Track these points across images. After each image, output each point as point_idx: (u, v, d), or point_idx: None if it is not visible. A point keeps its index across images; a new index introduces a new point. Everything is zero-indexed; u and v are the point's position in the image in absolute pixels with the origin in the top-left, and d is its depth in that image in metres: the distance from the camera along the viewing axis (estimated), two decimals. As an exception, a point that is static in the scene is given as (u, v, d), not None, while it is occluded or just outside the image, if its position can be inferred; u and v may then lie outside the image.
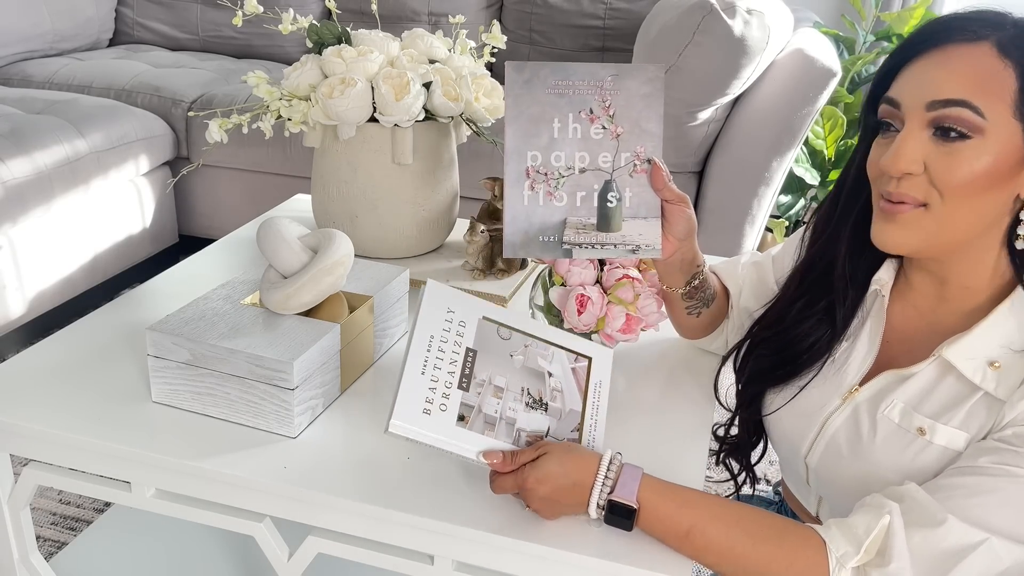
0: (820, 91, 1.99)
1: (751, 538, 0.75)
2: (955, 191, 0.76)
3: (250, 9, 1.27)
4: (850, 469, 0.86)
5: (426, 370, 0.81)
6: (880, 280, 0.89)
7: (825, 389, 0.90)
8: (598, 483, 0.76)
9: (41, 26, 2.79)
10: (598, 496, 0.76)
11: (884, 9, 2.84)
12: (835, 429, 0.88)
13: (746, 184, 2.08)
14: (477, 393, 0.83)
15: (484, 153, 2.26)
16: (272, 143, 2.42)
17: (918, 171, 0.78)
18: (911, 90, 0.78)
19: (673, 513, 0.76)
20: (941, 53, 0.77)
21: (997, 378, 0.78)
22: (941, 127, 0.76)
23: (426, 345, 0.83)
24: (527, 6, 2.83)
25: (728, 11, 1.86)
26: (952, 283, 0.84)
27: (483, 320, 0.89)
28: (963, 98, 0.75)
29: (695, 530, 0.75)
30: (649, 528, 0.77)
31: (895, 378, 0.85)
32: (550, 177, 0.87)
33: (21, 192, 1.98)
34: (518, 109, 0.86)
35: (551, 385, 0.87)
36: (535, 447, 0.79)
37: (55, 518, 1.65)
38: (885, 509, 0.74)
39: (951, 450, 0.80)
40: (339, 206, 1.27)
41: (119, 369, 1.00)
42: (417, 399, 0.79)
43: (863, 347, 0.89)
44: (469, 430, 0.80)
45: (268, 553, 0.87)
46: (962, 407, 0.80)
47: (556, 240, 0.88)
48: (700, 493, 0.78)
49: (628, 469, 0.78)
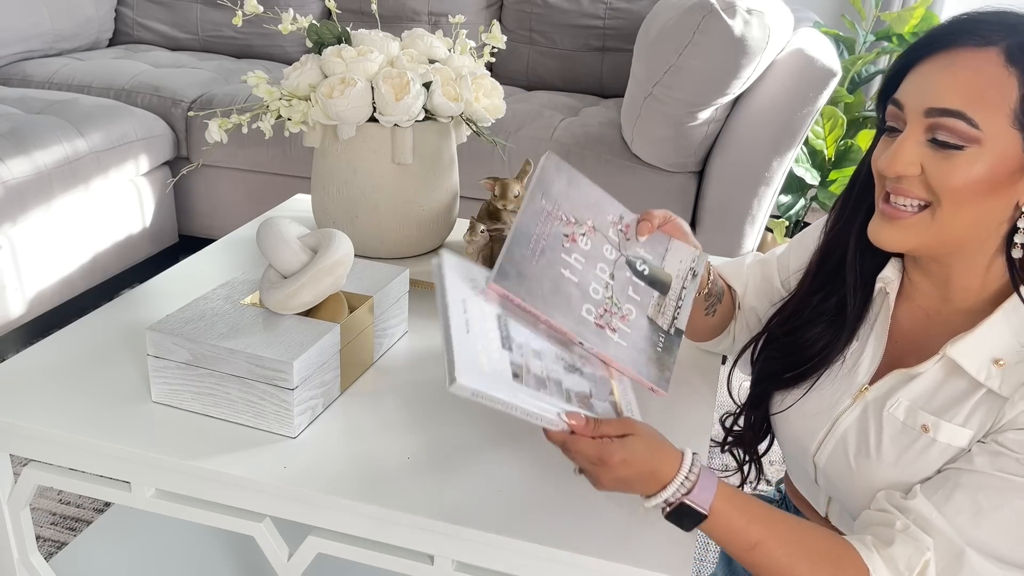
0: (820, 91, 1.99)
1: (811, 563, 0.76)
2: (952, 195, 0.77)
3: (250, 9, 1.27)
4: (856, 467, 0.87)
5: (470, 330, 0.75)
6: (885, 279, 0.90)
7: (835, 389, 0.91)
8: (676, 481, 0.74)
9: (41, 26, 2.79)
10: (672, 493, 0.74)
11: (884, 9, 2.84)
12: (845, 428, 0.89)
13: (746, 184, 2.08)
14: (520, 355, 0.78)
15: (484, 153, 2.26)
16: (272, 143, 2.42)
17: (915, 173, 0.78)
18: (913, 94, 0.78)
19: (742, 527, 0.76)
20: (947, 57, 0.77)
21: (1001, 375, 0.78)
22: (935, 137, 0.77)
23: (461, 308, 0.77)
24: (527, 6, 2.83)
25: (728, 11, 1.86)
26: (953, 284, 0.84)
27: None
28: (958, 109, 0.75)
29: (761, 547, 0.76)
30: (715, 535, 0.77)
31: (902, 377, 0.85)
32: (610, 312, 0.85)
33: (21, 192, 1.98)
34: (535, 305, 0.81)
35: (579, 352, 0.84)
36: (620, 422, 0.76)
37: (55, 518, 1.65)
38: (924, 544, 0.76)
39: (954, 447, 0.80)
40: (339, 206, 1.27)
41: (119, 369, 1.00)
42: (472, 356, 0.72)
43: (872, 347, 0.90)
44: (525, 387, 0.75)
45: (268, 553, 0.87)
46: (965, 404, 0.80)
47: (669, 336, 0.86)
48: (769, 508, 0.78)
49: (706, 474, 0.76)
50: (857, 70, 2.63)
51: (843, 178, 2.45)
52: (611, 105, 2.55)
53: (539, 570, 0.79)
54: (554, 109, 2.45)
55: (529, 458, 0.89)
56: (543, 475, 0.87)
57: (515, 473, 0.86)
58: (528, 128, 2.29)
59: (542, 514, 0.81)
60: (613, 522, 0.80)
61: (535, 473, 0.87)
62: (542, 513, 0.81)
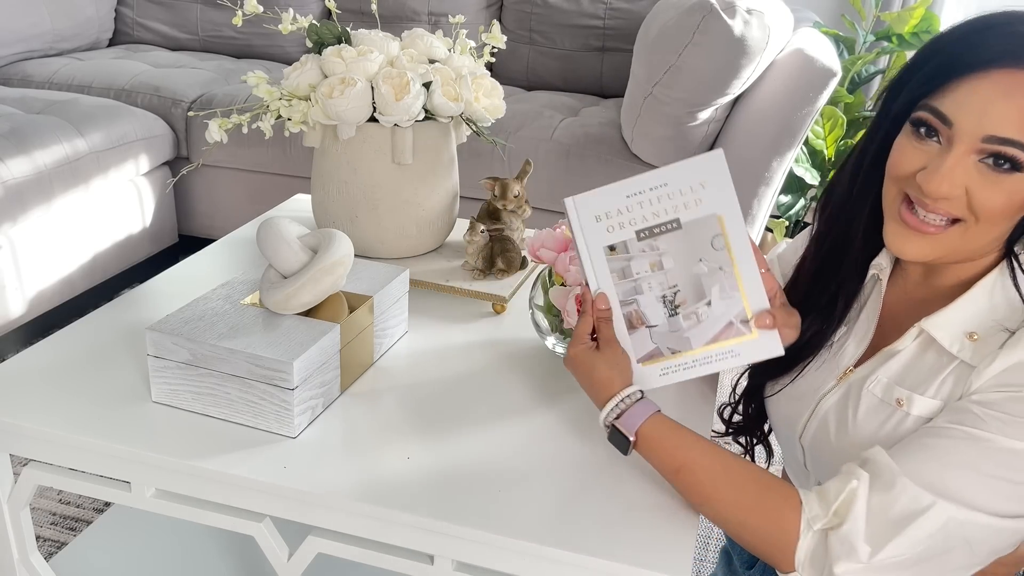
0: (820, 91, 1.99)
1: (734, 488, 0.78)
2: (991, 215, 0.76)
3: (250, 9, 1.27)
4: (837, 445, 0.88)
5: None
6: (879, 265, 0.90)
7: (821, 372, 0.92)
8: (608, 406, 0.83)
9: (41, 26, 2.79)
10: (604, 416, 0.84)
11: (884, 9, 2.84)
12: (827, 408, 0.90)
13: (746, 184, 2.08)
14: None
15: (484, 153, 2.26)
16: (272, 143, 2.42)
17: (960, 196, 0.77)
18: (969, 115, 0.74)
19: (669, 449, 0.81)
20: (1008, 79, 0.73)
21: (974, 348, 0.78)
22: (994, 158, 0.74)
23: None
24: (527, 6, 2.83)
25: (728, 11, 1.86)
26: (947, 272, 0.85)
27: None
28: (1020, 140, 0.73)
29: (684, 469, 0.80)
30: (645, 457, 0.83)
31: (884, 356, 0.86)
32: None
33: (21, 192, 1.98)
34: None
35: (699, 301, 0.85)
36: (606, 332, 0.86)
37: (55, 518, 1.65)
38: (855, 475, 0.76)
39: (925, 419, 0.80)
40: (339, 206, 1.27)
41: (119, 369, 1.00)
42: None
43: (860, 331, 0.91)
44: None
45: (268, 553, 0.87)
46: (938, 377, 0.80)
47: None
48: (701, 439, 0.82)
49: (643, 403, 0.83)
50: (857, 70, 2.63)
51: (843, 178, 2.44)
52: (611, 105, 2.55)
53: (539, 570, 0.79)
54: (554, 109, 2.45)
55: (529, 458, 0.89)
56: (543, 475, 0.87)
57: (515, 473, 0.86)
58: (528, 128, 2.29)
59: (542, 514, 0.81)
60: (613, 522, 0.80)
61: (535, 473, 0.87)
62: (542, 513, 0.81)
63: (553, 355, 1.10)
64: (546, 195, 2.20)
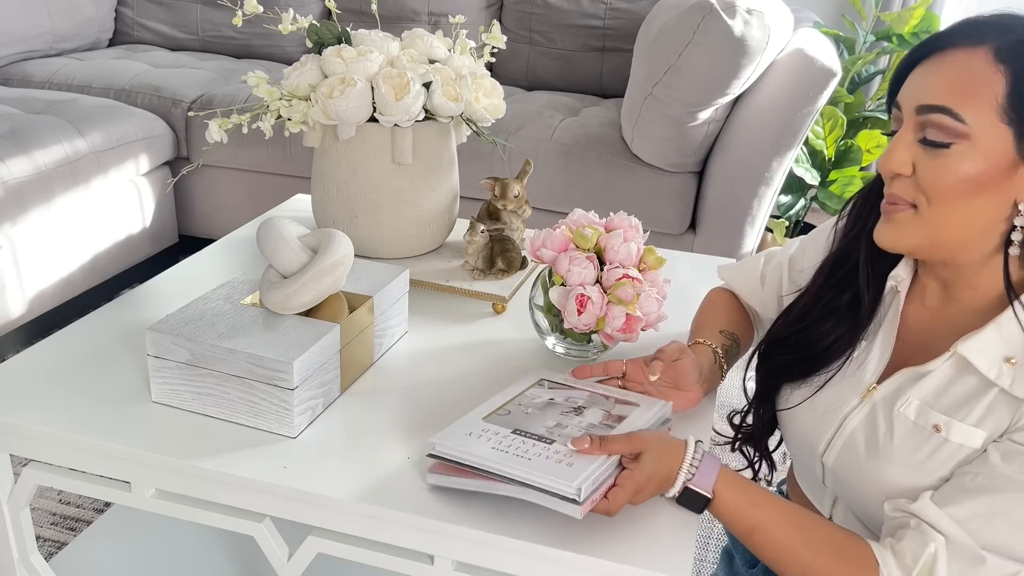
0: (820, 91, 1.99)
1: (810, 548, 0.79)
2: (940, 195, 0.78)
3: (250, 9, 1.27)
4: (866, 467, 0.87)
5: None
6: (897, 277, 0.90)
7: (843, 387, 0.91)
8: (683, 471, 0.80)
9: (41, 26, 2.79)
10: (681, 484, 0.80)
11: (884, 9, 2.84)
12: (853, 428, 0.88)
13: (746, 184, 2.08)
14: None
15: (484, 153, 2.26)
16: (272, 143, 2.42)
17: (907, 172, 0.80)
18: (907, 94, 0.80)
19: (743, 510, 0.80)
20: (940, 57, 0.78)
21: (1013, 374, 0.78)
22: (925, 136, 0.78)
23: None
24: (527, 6, 2.83)
25: (728, 11, 1.86)
26: (960, 284, 0.85)
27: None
28: (944, 104, 0.76)
29: (759, 530, 0.80)
30: (718, 517, 0.82)
31: (912, 376, 0.85)
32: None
33: (21, 192, 1.98)
34: None
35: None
36: (628, 438, 0.81)
37: (55, 518, 1.65)
38: (930, 538, 0.77)
39: (967, 447, 0.80)
40: (339, 206, 1.27)
41: (119, 369, 1.00)
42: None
43: (880, 345, 0.90)
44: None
45: (268, 553, 0.87)
46: (978, 404, 0.80)
47: None
48: (771, 495, 0.82)
49: (709, 459, 0.82)
50: (857, 70, 2.63)
51: (843, 178, 2.45)
52: (611, 105, 2.55)
53: (539, 570, 0.79)
54: (554, 109, 2.45)
55: (529, 458, 0.89)
56: (543, 475, 0.86)
57: (515, 473, 0.86)
58: (528, 128, 2.29)
59: (541, 514, 0.81)
60: (613, 522, 0.80)
61: (535, 473, 0.87)
62: (541, 513, 0.81)
63: (553, 355, 1.10)
64: (546, 195, 2.20)
